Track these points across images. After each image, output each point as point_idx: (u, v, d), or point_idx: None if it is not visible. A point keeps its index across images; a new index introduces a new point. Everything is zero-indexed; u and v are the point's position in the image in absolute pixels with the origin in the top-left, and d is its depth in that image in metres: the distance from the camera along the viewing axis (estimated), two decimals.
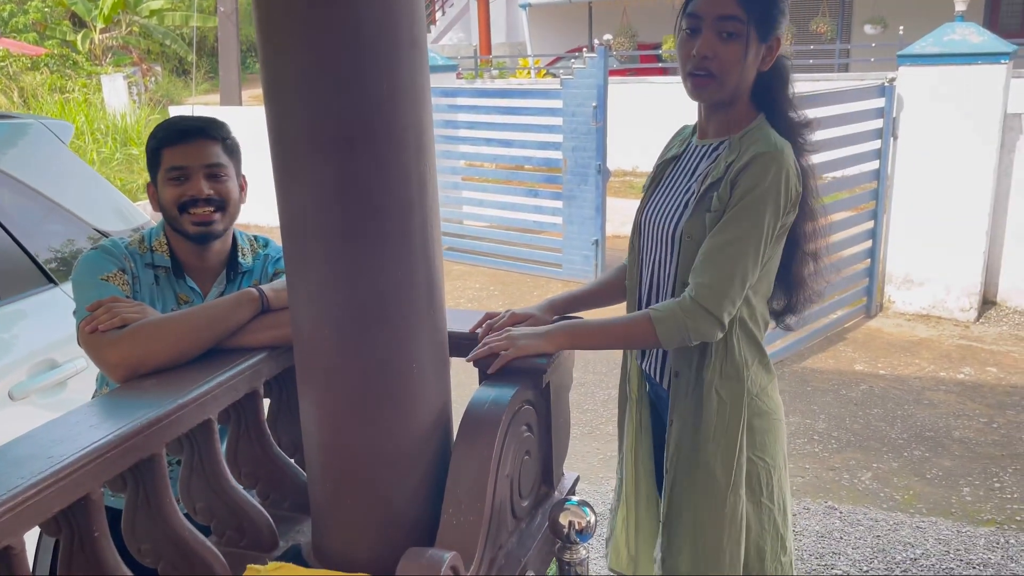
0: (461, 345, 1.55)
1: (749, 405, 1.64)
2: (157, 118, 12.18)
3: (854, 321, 5.41)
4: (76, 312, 1.55)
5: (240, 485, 1.48)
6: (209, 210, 1.68)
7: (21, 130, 2.68)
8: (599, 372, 4.71)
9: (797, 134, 1.64)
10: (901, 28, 10.45)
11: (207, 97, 18.75)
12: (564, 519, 1.31)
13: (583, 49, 12.16)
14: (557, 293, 2.03)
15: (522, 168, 7.32)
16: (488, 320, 1.66)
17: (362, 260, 1.18)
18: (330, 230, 1.18)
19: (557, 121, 6.41)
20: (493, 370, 1.47)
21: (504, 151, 7.13)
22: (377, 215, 1.17)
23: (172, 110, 10.64)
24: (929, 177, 5.20)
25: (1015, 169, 5.23)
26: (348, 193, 1.16)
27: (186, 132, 1.68)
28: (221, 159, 1.70)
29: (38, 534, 1.94)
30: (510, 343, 1.50)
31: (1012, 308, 5.46)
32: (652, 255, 1.72)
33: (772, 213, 1.54)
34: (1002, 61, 4.91)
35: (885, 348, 5.00)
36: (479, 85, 13.08)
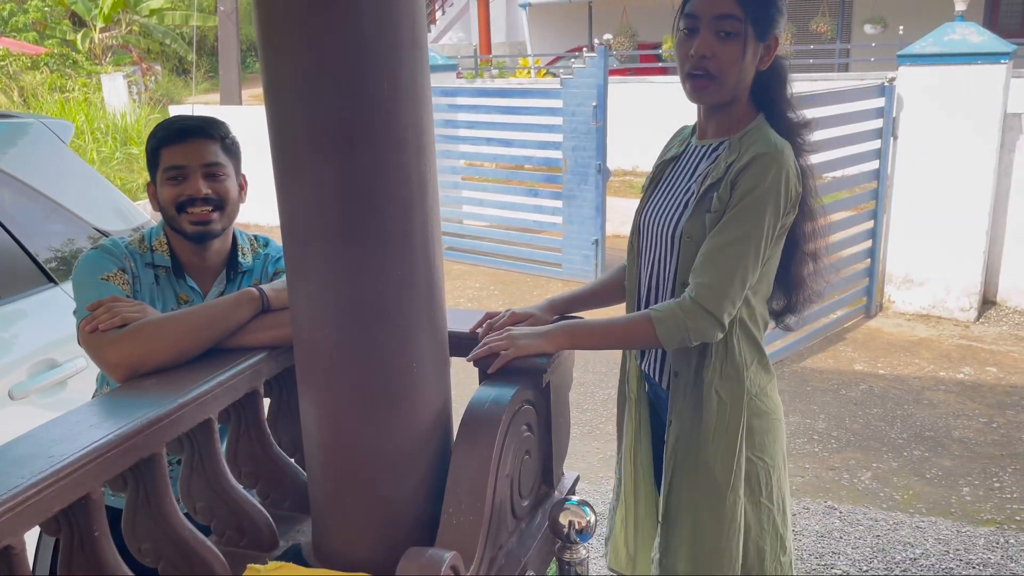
0: (461, 345, 1.55)
1: (749, 405, 1.64)
2: (157, 117, 12.18)
3: (854, 321, 5.41)
4: (76, 312, 1.55)
5: (240, 485, 1.48)
6: (207, 209, 1.68)
7: (21, 129, 2.68)
8: (599, 372, 4.71)
9: (796, 134, 1.64)
10: (901, 28, 10.44)
11: (207, 96, 18.74)
12: (564, 519, 1.31)
13: (583, 49, 12.16)
14: (557, 293, 2.03)
15: (522, 168, 7.32)
16: (488, 320, 1.66)
17: (362, 260, 1.18)
18: (330, 230, 1.18)
19: (557, 121, 6.41)
20: (493, 370, 1.47)
21: (504, 151, 7.13)
22: (377, 215, 1.17)
23: (172, 109, 10.64)
24: (929, 177, 5.20)
25: (1015, 169, 5.23)
26: (348, 193, 1.16)
27: (184, 131, 1.68)
28: (219, 158, 1.70)
29: (38, 533, 1.95)
30: (510, 343, 1.50)
31: (1012, 308, 5.46)
32: (651, 255, 1.72)
33: (772, 213, 1.54)
34: (1002, 61, 4.91)
35: (885, 348, 5.00)
36: (479, 85, 13.07)
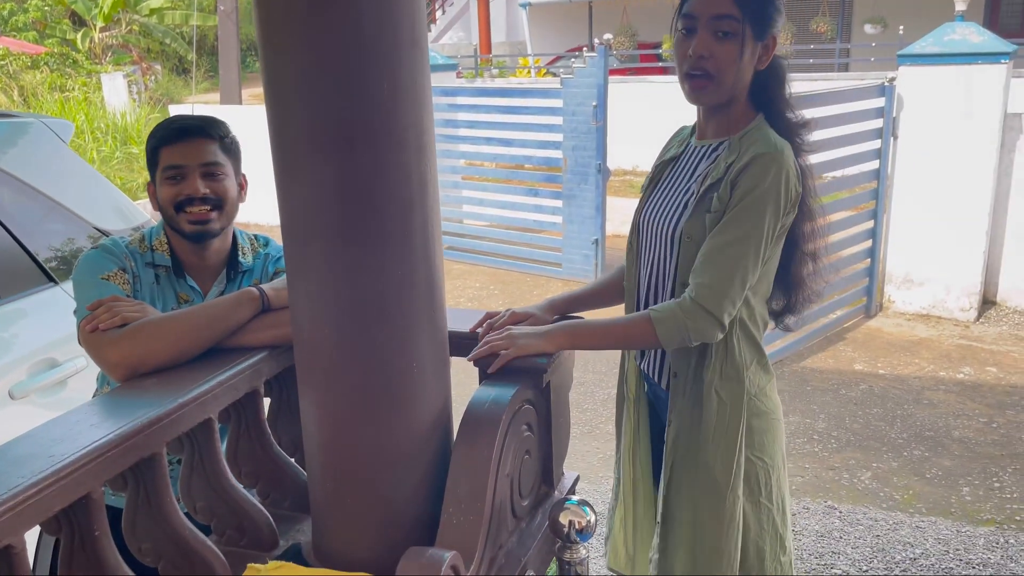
0: (461, 344, 1.55)
1: (748, 405, 1.64)
2: (157, 117, 12.18)
3: (854, 321, 5.41)
4: (77, 311, 1.55)
5: (240, 484, 1.48)
6: (205, 209, 1.68)
7: (21, 129, 2.68)
8: (599, 371, 4.71)
9: (795, 134, 1.64)
10: (901, 28, 10.42)
11: (207, 96, 18.74)
12: (564, 518, 1.31)
13: (583, 48, 12.14)
14: (557, 293, 2.03)
15: (522, 167, 7.32)
16: (488, 319, 1.66)
17: (362, 260, 1.18)
18: (330, 230, 1.18)
19: (557, 120, 6.41)
20: (493, 369, 1.47)
21: (504, 150, 7.13)
22: (377, 215, 1.17)
23: (172, 109, 10.64)
24: (929, 177, 5.20)
25: (1015, 169, 5.23)
26: (348, 193, 1.16)
27: (183, 131, 1.68)
28: (218, 158, 1.70)
29: (38, 533, 1.95)
30: (510, 342, 1.50)
31: (1012, 308, 5.46)
32: (651, 256, 1.72)
33: (772, 214, 1.54)
34: (1002, 61, 4.91)
35: (885, 348, 5.00)
36: (479, 84, 13.07)
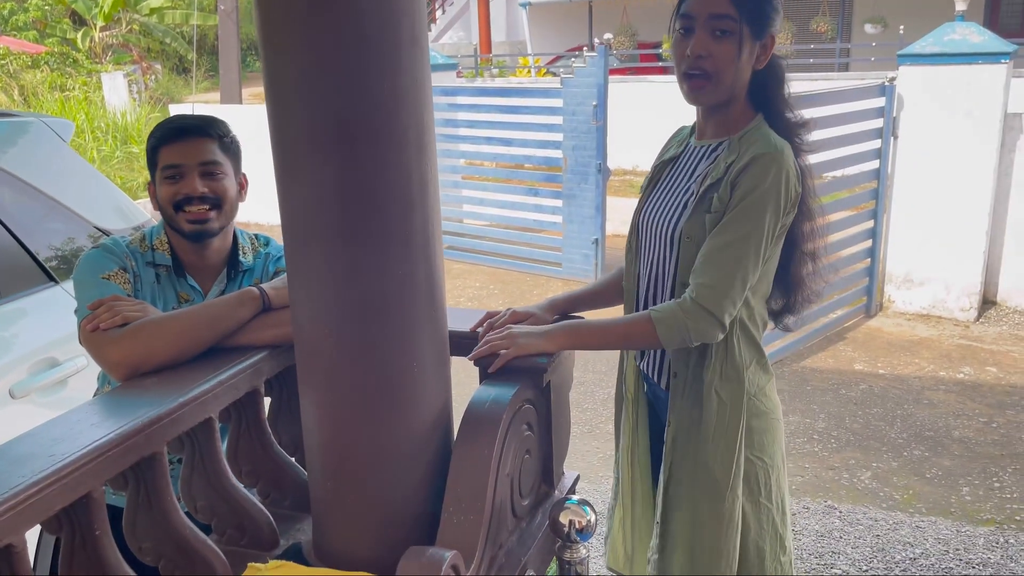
0: (462, 344, 1.55)
1: (748, 405, 1.64)
2: (157, 116, 12.18)
3: (854, 320, 5.41)
4: (77, 310, 1.55)
5: (241, 484, 1.48)
6: (204, 208, 1.68)
7: (22, 128, 2.68)
8: (599, 371, 4.71)
9: (794, 134, 1.64)
10: (901, 28, 10.42)
11: (207, 95, 18.75)
12: (564, 518, 1.31)
13: (583, 48, 12.14)
14: (557, 292, 2.03)
15: (522, 167, 7.32)
16: (489, 319, 1.66)
17: (363, 259, 1.19)
18: (330, 229, 1.18)
19: (557, 120, 6.41)
20: (494, 369, 1.47)
21: (504, 150, 7.12)
22: (378, 214, 1.17)
23: (172, 108, 10.63)
24: (929, 177, 5.20)
25: (1015, 169, 5.23)
26: (349, 192, 1.16)
27: (182, 130, 1.68)
28: (217, 157, 1.70)
29: (39, 532, 1.95)
30: (510, 341, 1.50)
31: (1012, 308, 5.46)
32: (651, 256, 1.72)
33: (772, 214, 1.54)
34: (1002, 61, 4.91)
35: (885, 348, 5.00)
36: (479, 84, 13.06)
